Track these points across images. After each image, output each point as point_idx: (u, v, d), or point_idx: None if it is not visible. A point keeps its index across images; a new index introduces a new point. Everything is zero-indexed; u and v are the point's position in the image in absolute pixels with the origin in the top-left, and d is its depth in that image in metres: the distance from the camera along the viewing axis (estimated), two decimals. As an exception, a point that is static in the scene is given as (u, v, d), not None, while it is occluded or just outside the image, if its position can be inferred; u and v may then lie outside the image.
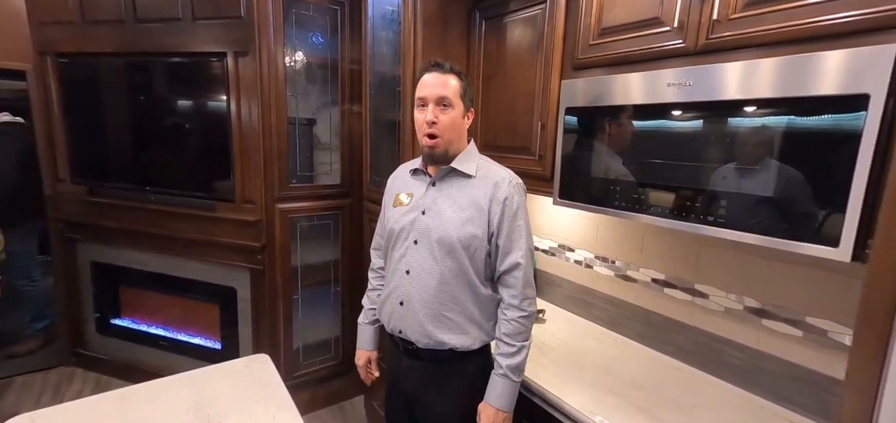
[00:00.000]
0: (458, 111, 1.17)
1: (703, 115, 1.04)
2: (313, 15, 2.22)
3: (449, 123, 1.15)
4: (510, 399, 1.16)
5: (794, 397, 1.18)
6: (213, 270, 2.43)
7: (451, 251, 1.15)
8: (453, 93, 1.15)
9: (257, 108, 2.14)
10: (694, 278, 1.41)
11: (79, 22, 2.33)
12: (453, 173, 1.20)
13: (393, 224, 1.26)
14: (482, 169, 1.20)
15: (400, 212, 1.25)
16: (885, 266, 0.62)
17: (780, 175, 0.91)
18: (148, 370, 2.56)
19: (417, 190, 1.25)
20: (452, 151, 1.19)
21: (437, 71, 1.16)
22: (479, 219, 1.15)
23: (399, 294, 1.22)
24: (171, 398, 1.19)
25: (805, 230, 0.88)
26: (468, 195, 1.17)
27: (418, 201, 1.22)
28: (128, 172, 2.50)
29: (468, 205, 1.16)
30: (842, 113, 0.81)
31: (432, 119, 1.14)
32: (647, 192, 1.17)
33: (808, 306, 1.16)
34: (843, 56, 0.81)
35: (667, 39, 1.13)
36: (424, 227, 1.19)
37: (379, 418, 2.23)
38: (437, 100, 1.14)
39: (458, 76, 1.17)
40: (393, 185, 1.36)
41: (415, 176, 1.28)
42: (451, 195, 1.19)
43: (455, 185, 1.20)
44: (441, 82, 1.14)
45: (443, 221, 1.17)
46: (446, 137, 1.16)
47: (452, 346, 1.18)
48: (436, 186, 1.22)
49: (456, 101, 1.16)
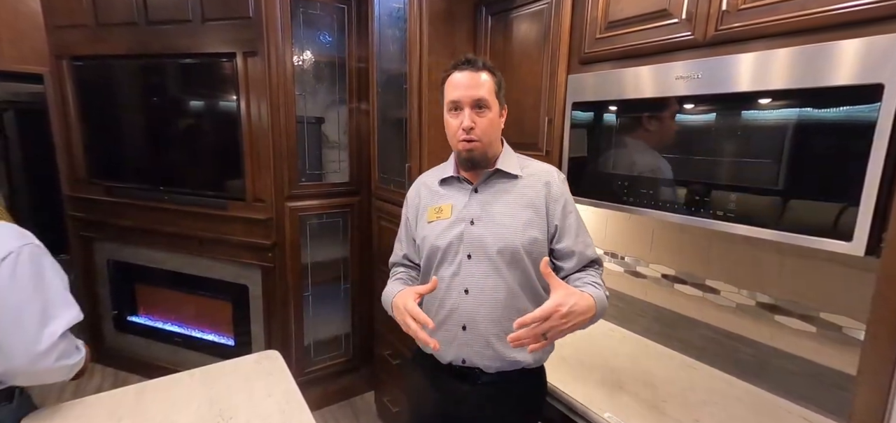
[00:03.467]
0: (495, 111, 1.07)
1: (713, 108, 1.02)
2: (320, 14, 2.23)
3: (487, 126, 1.05)
4: (598, 311, 0.98)
5: (809, 394, 1.16)
6: (225, 267, 2.47)
7: (515, 260, 1.05)
8: (488, 92, 1.04)
9: (267, 107, 2.16)
10: (705, 273, 1.39)
11: (93, 25, 2.38)
12: (498, 175, 1.11)
13: (435, 242, 1.12)
14: (525, 167, 1.12)
15: (441, 227, 1.12)
16: (898, 261, 0.61)
17: (791, 168, 0.89)
18: (164, 365, 2.62)
19: (457, 199, 1.13)
20: (492, 153, 1.09)
21: (468, 69, 1.04)
22: (538, 221, 1.06)
23: (459, 318, 1.08)
24: (185, 393, 1.22)
25: (817, 224, 0.86)
26: (521, 196, 1.08)
27: (462, 211, 1.10)
28: (142, 171, 2.55)
29: (524, 206, 1.07)
30: (855, 104, 0.79)
31: (469, 125, 1.03)
32: (657, 186, 1.15)
33: (822, 302, 1.14)
34: (856, 46, 0.79)
35: (675, 31, 1.12)
36: (477, 238, 1.07)
37: (390, 413, 2.24)
38: (472, 103, 1.03)
39: (491, 72, 1.06)
40: (418, 198, 1.21)
41: (447, 185, 1.16)
42: (502, 199, 1.09)
43: (503, 187, 1.10)
44: (475, 82, 1.03)
45: (500, 228, 1.06)
46: (486, 141, 1.06)
47: (526, 364, 1.09)
48: (480, 192, 1.11)
49: (492, 100, 1.05)
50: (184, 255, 2.53)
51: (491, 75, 1.06)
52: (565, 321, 0.90)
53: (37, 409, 1.13)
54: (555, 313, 0.88)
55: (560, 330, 0.91)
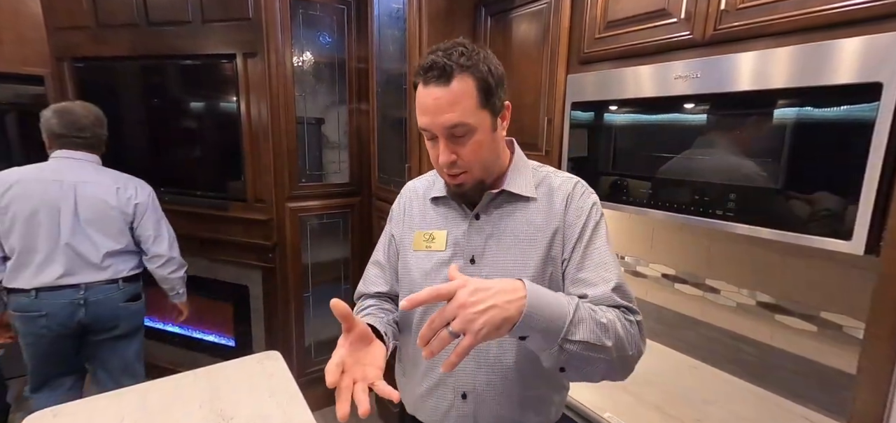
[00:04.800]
0: (485, 128, 0.77)
1: (713, 107, 1.02)
2: (320, 15, 2.23)
3: (475, 151, 0.77)
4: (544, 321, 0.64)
5: (810, 393, 1.16)
6: (226, 268, 2.47)
7: None
8: (467, 109, 0.74)
9: (267, 108, 2.17)
10: (705, 273, 1.39)
11: (94, 26, 2.39)
12: (503, 197, 0.85)
13: (421, 281, 0.86)
14: (542, 182, 0.86)
15: (430, 262, 0.86)
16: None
17: (790, 167, 0.89)
18: (165, 366, 2.62)
19: (453, 228, 0.87)
20: (493, 175, 0.84)
21: (434, 83, 0.73)
22: (556, 253, 0.82)
23: (457, 385, 0.85)
24: (186, 393, 1.22)
25: (817, 223, 0.86)
26: (533, 226, 0.82)
27: (459, 245, 0.85)
28: (143, 172, 2.53)
29: (536, 240, 0.82)
30: (854, 103, 0.79)
31: (448, 160, 0.77)
32: (656, 186, 1.15)
33: (823, 301, 1.14)
34: (854, 45, 0.79)
35: (674, 31, 1.12)
36: None
37: (390, 413, 2.25)
38: (445, 132, 0.75)
39: (470, 72, 0.73)
40: (408, 209, 0.95)
41: (441, 205, 0.89)
42: (510, 231, 0.83)
43: (511, 212, 0.84)
44: (445, 102, 0.73)
45: (505, 271, 0.81)
46: (477, 170, 0.80)
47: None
48: (481, 219, 0.85)
49: (475, 117, 0.75)
50: (185, 255, 2.52)
51: (471, 78, 0.73)
52: (476, 300, 0.60)
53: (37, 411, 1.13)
54: (459, 288, 0.62)
55: (473, 314, 0.60)
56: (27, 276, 1.61)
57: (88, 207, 1.67)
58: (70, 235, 1.64)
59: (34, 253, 1.61)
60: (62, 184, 1.64)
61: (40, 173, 1.65)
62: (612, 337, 0.69)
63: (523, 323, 0.62)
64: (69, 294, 1.63)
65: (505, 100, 0.81)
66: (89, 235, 1.67)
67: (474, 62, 0.74)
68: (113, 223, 1.72)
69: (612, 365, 0.71)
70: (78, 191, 1.66)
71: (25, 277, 1.61)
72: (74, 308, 1.64)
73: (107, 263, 1.70)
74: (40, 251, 1.61)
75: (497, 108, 0.79)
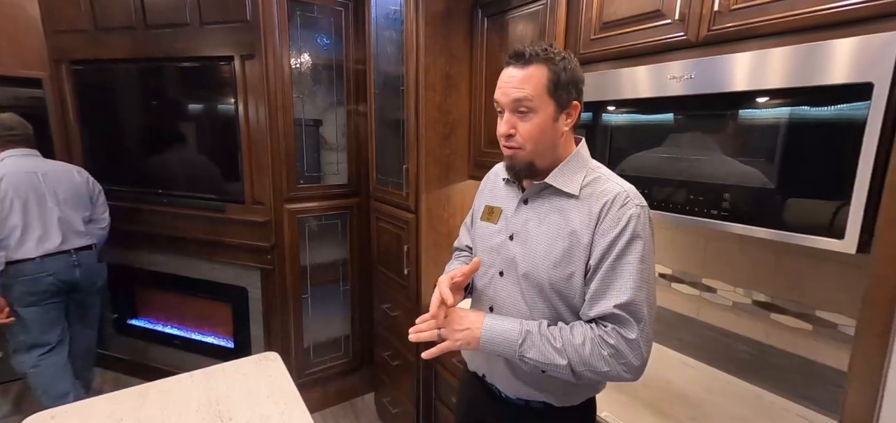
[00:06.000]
0: (547, 113, 0.86)
1: (707, 107, 1.03)
2: (318, 16, 2.24)
3: (532, 131, 0.87)
4: (499, 347, 0.89)
5: (805, 391, 1.17)
6: (224, 270, 2.47)
7: (541, 292, 0.91)
8: (535, 90, 0.85)
9: (265, 110, 2.17)
10: (701, 272, 1.40)
11: (92, 29, 2.39)
12: (549, 190, 0.93)
13: (477, 245, 1.05)
14: (589, 184, 0.90)
15: (488, 231, 1.02)
16: (887, 257, 0.61)
17: (784, 167, 0.90)
18: (163, 368, 2.62)
19: (508, 205, 1.01)
20: (544, 163, 0.91)
21: (513, 64, 0.87)
22: (578, 254, 0.87)
23: None
24: (185, 394, 1.22)
25: (810, 222, 0.87)
26: (566, 221, 0.89)
27: (508, 221, 0.99)
28: (141, 175, 2.56)
29: (565, 235, 0.88)
30: (846, 103, 0.80)
31: (507, 131, 0.88)
32: (651, 186, 1.16)
33: (817, 300, 1.14)
34: (846, 45, 0.79)
35: (669, 32, 1.12)
36: (511, 256, 0.95)
37: (390, 415, 2.25)
38: (512, 104, 0.87)
39: (546, 63, 0.85)
40: (485, 186, 1.12)
41: (509, 185, 1.03)
42: (547, 220, 0.92)
43: (551, 206, 0.92)
44: (517, 81, 0.85)
45: (531, 253, 0.92)
46: (529, 149, 0.89)
47: (546, 400, 0.97)
48: (528, 204, 0.96)
49: (540, 101, 0.85)
50: (183, 258, 2.53)
51: (545, 67, 0.85)
52: (448, 321, 0.92)
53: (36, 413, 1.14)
54: (451, 311, 0.93)
55: (454, 330, 0.92)
56: (31, 247, 1.97)
57: (64, 188, 2.09)
58: (59, 211, 2.05)
59: (32, 230, 1.98)
60: (36, 174, 2.02)
61: (17, 167, 1.99)
62: (566, 357, 0.84)
63: (483, 347, 0.90)
64: (66, 258, 2.06)
65: (574, 100, 0.89)
66: (70, 209, 2.10)
67: (551, 57, 0.86)
68: (82, 199, 2.17)
69: (579, 377, 0.85)
70: (48, 178, 2.05)
71: (29, 248, 1.96)
72: (72, 268, 2.07)
73: (86, 230, 2.17)
74: (37, 228, 1.99)
75: (563, 101, 0.88)
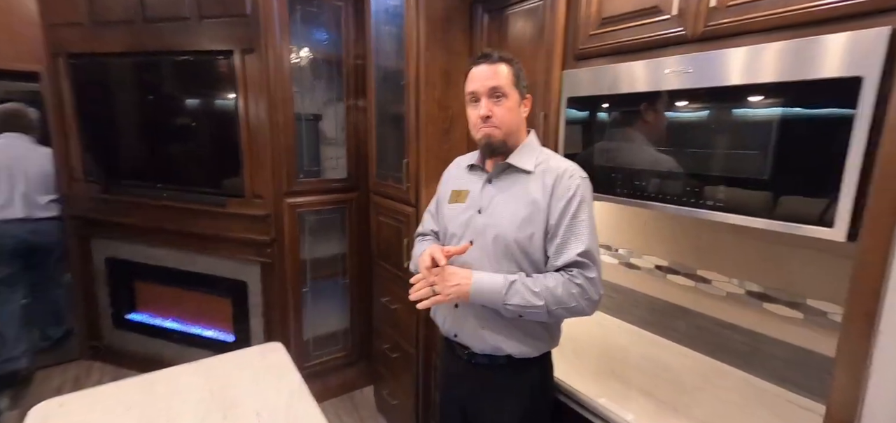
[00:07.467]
0: (514, 100, 1.11)
1: (703, 101, 1.05)
2: (318, 11, 2.25)
3: (505, 114, 1.09)
4: (486, 297, 1.06)
5: (796, 378, 1.20)
6: (224, 264, 2.48)
7: (507, 252, 1.09)
8: (505, 81, 1.09)
9: (265, 104, 2.18)
10: (696, 263, 1.43)
11: (89, 23, 2.38)
12: (510, 170, 1.14)
13: (448, 225, 1.22)
14: (542, 163, 1.12)
15: (457, 210, 1.20)
16: (872, 245, 0.64)
17: (777, 158, 0.92)
18: (164, 362, 2.60)
19: (474, 187, 1.20)
20: (512, 142, 1.13)
21: (485, 62, 1.10)
22: (537, 217, 1.07)
23: None
24: (190, 383, 1.24)
25: (802, 212, 0.90)
26: (526, 191, 1.10)
27: (475, 199, 1.18)
28: (140, 169, 2.55)
29: (526, 203, 1.09)
30: (836, 96, 0.83)
31: (486, 113, 1.08)
32: (649, 179, 1.19)
33: (809, 289, 1.18)
34: (837, 41, 0.82)
35: (667, 27, 1.15)
36: (480, 226, 1.13)
37: (389, 406, 2.27)
38: (488, 92, 1.09)
39: (508, 63, 1.11)
40: (448, 178, 1.31)
41: (472, 172, 1.23)
42: (508, 192, 1.13)
43: (512, 181, 1.13)
44: (491, 73, 1.08)
45: (498, 219, 1.11)
46: (504, 129, 1.10)
47: (509, 353, 1.12)
48: (492, 183, 1.16)
49: (510, 89, 1.09)
50: (183, 252, 2.54)
51: (508, 65, 1.11)
52: (441, 278, 1.07)
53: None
54: (445, 268, 1.08)
55: (446, 285, 1.07)
56: None
57: (34, 170, 2.45)
58: (24, 188, 2.39)
59: None
60: (13, 156, 2.38)
61: None
62: (544, 298, 1.02)
63: (473, 297, 1.07)
64: (25, 224, 2.42)
65: (528, 94, 1.17)
66: (36, 188, 2.44)
67: (510, 59, 1.13)
68: (50, 180, 2.50)
69: (552, 315, 1.04)
70: (27, 158, 2.42)
71: None
72: (28, 233, 2.42)
73: (50, 206, 2.51)
74: (2, 196, 2.36)
75: (522, 93, 1.14)
